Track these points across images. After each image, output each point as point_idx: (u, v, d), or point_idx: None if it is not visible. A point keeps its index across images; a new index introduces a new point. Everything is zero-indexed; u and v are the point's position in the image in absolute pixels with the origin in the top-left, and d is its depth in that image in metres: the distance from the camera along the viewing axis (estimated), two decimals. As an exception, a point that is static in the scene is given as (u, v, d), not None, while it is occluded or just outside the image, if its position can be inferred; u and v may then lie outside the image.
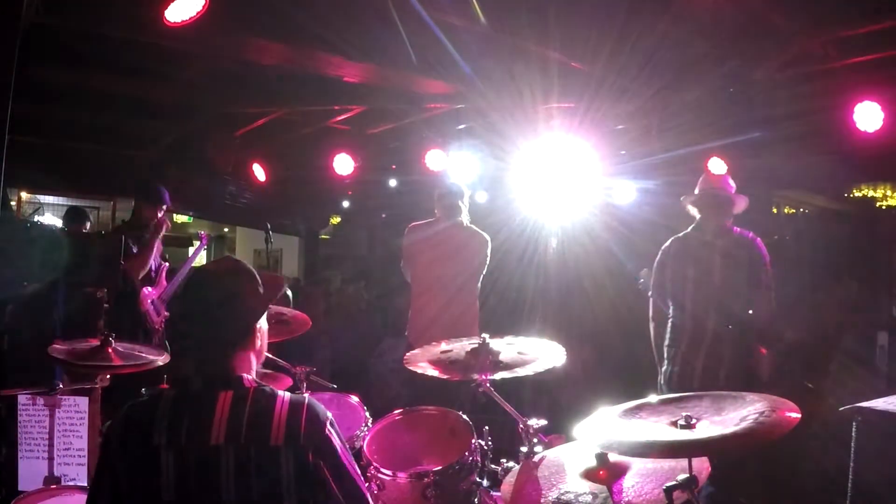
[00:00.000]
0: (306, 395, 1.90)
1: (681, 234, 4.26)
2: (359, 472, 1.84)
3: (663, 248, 4.27)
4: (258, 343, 1.92)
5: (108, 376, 3.07)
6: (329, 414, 1.82)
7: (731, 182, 4.25)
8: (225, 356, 1.81)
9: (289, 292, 6.81)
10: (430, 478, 2.62)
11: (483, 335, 2.84)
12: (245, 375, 1.82)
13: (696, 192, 4.23)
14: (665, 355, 4.15)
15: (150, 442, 1.68)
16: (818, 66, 4.60)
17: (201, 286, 1.89)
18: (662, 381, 4.12)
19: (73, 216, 6.20)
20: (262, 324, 1.94)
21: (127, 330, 4.27)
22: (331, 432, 1.79)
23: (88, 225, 6.25)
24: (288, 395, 1.81)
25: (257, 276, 1.92)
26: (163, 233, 4.88)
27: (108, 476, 1.71)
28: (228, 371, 1.80)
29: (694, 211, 4.23)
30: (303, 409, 1.77)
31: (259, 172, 7.18)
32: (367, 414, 3.23)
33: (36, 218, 7.59)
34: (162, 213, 4.87)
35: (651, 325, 4.28)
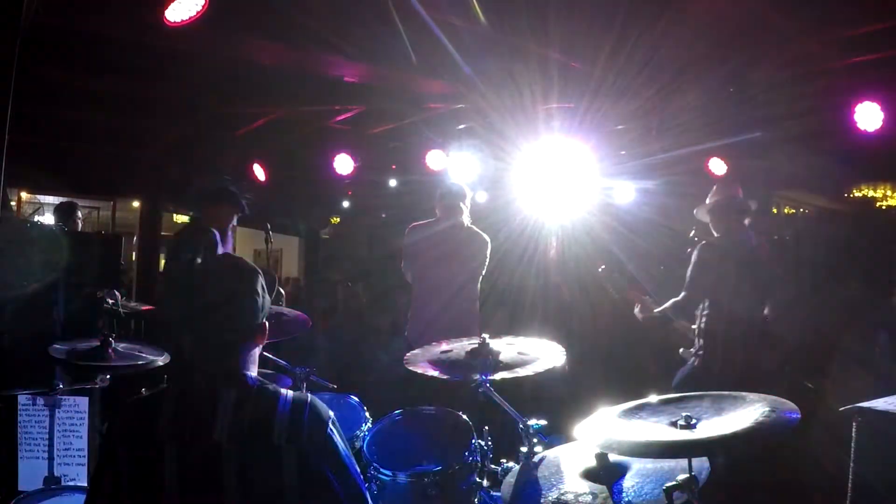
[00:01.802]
0: (309, 394, 1.90)
1: (719, 238, 4.26)
2: (359, 472, 1.84)
3: (706, 248, 4.22)
4: (264, 340, 1.91)
5: (108, 376, 3.06)
6: (331, 413, 1.83)
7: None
8: (229, 354, 1.81)
9: (282, 290, 6.81)
10: (430, 478, 2.61)
11: (483, 335, 2.83)
12: (248, 374, 1.82)
13: (712, 200, 4.25)
14: (699, 351, 4.20)
15: (154, 437, 1.69)
16: (818, 66, 4.60)
17: (205, 284, 1.88)
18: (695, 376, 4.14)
19: (66, 210, 6.23)
20: (264, 321, 1.93)
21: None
22: (333, 432, 1.79)
23: (80, 214, 6.26)
24: (291, 393, 1.81)
25: (259, 272, 1.91)
26: None
27: (110, 469, 1.71)
28: (232, 369, 1.80)
29: (707, 219, 4.26)
30: (305, 408, 1.77)
31: (259, 172, 7.18)
32: (367, 414, 3.23)
33: (36, 218, 7.60)
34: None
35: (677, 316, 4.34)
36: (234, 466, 1.67)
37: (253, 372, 1.85)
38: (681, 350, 4.40)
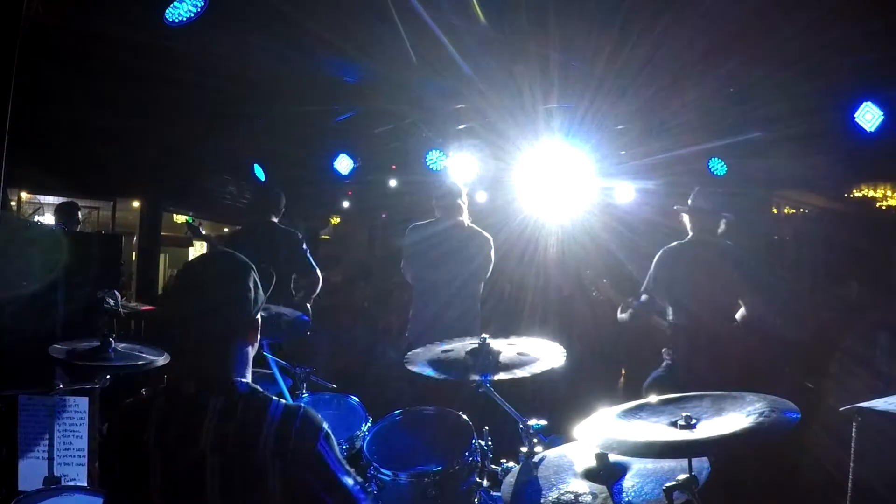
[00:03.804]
0: (302, 404, 1.85)
1: (684, 241, 4.30)
2: (355, 485, 1.75)
3: (667, 251, 4.27)
4: (256, 338, 1.88)
5: (108, 376, 3.06)
6: (325, 426, 1.74)
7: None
8: (221, 352, 1.77)
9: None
10: (430, 478, 2.61)
11: (483, 335, 2.83)
12: (240, 380, 1.76)
13: (690, 204, 4.27)
14: (667, 353, 4.22)
15: (141, 441, 1.66)
16: (818, 66, 4.60)
17: (197, 280, 1.84)
18: (662, 378, 4.17)
19: (67, 210, 6.23)
20: (257, 318, 1.89)
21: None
22: (324, 445, 1.71)
23: (80, 215, 6.27)
24: (283, 403, 1.74)
25: (252, 268, 1.86)
26: None
27: (108, 472, 1.74)
28: (223, 374, 1.75)
29: (685, 219, 4.29)
30: (295, 420, 1.69)
31: (259, 172, 7.19)
32: (367, 414, 3.23)
33: (36, 218, 7.59)
34: None
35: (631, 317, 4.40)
36: (217, 476, 1.63)
37: (247, 375, 1.80)
38: (663, 350, 4.43)
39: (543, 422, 2.59)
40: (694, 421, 1.79)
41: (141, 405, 1.75)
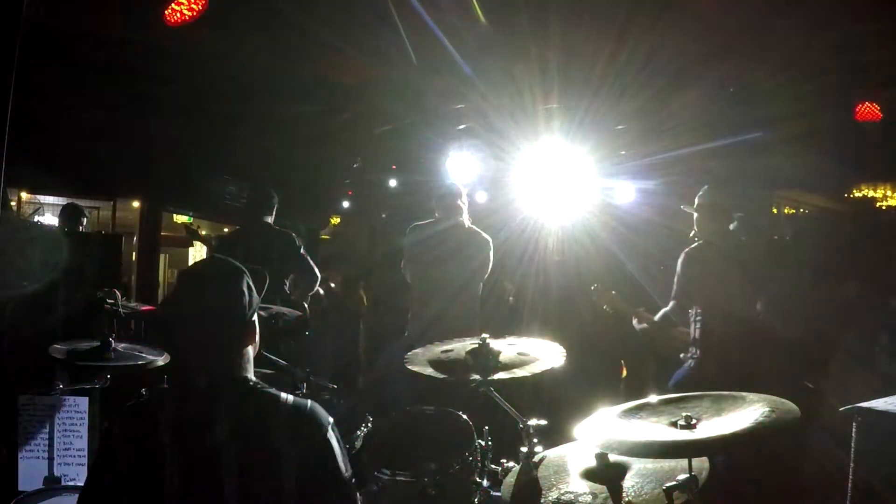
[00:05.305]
0: (309, 399, 1.89)
1: (703, 243, 4.26)
2: (352, 481, 1.83)
3: (689, 255, 4.23)
4: (255, 338, 1.92)
5: (108, 376, 3.07)
6: (331, 419, 1.82)
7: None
8: (228, 356, 1.81)
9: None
10: (430, 478, 2.61)
11: (483, 335, 2.83)
12: (248, 376, 1.82)
13: (699, 202, 4.25)
14: (694, 354, 4.22)
15: (155, 438, 1.68)
16: (818, 66, 4.60)
17: (198, 288, 1.88)
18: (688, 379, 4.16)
19: (72, 213, 6.21)
20: (254, 320, 1.93)
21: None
22: (332, 437, 1.78)
23: (85, 220, 6.26)
24: (291, 397, 1.81)
25: (245, 272, 1.91)
26: None
27: (110, 472, 1.71)
28: (232, 371, 1.80)
29: (694, 217, 4.27)
30: (306, 411, 1.78)
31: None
32: (367, 414, 3.23)
33: (36, 218, 7.57)
34: None
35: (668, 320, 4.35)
36: (234, 468, 1.67)
37: (249, 373, 1.85)
38: (681, 355, 4.42)
39: (543, 422, 2.59)
40: (694, 421, 1.79)
41: (150, 402, 1.78)
